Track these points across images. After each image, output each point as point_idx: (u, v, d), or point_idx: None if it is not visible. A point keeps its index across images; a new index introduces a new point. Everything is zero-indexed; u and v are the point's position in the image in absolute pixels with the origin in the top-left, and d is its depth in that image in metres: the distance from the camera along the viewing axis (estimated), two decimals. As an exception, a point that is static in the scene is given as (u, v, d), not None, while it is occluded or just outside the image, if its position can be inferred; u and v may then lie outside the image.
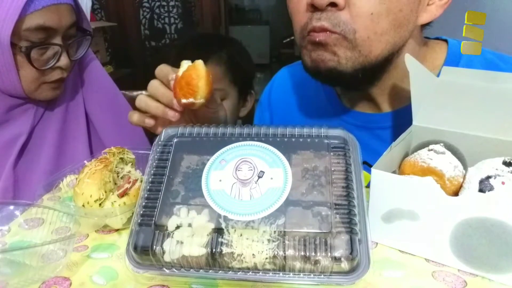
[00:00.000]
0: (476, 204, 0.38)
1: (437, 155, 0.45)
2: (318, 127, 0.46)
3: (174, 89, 0.53)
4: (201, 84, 0.51)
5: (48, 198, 0.56)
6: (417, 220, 0.42)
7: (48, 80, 0.71)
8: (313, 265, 0.37)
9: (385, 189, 0.43)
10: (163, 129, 0.48)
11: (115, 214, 0.48)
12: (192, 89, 0.51)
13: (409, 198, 0.42)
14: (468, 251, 0.40)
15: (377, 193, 0.44)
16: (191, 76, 0.51)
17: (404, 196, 0.42)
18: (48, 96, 0.73)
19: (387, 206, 0.44)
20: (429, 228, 0.42)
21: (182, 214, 0.40)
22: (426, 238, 0.42)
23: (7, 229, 0.50)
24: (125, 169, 0.54)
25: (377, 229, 0.45)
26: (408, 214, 0.42)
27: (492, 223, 0.38)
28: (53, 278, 0.42)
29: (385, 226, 0.44)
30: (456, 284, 0.39)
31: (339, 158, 0.43)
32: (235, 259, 0.37)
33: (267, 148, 0.44)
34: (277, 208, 0.39)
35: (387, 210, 0.44)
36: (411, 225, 0.42)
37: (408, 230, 0.43)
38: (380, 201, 0.44)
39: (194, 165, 0.44)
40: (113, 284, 0.41)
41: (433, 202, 0.40)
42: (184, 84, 0.52)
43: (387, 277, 0.40)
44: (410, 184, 0.42)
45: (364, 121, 0.69)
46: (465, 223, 0.39)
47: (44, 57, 0.69)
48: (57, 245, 0.43)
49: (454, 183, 0.44)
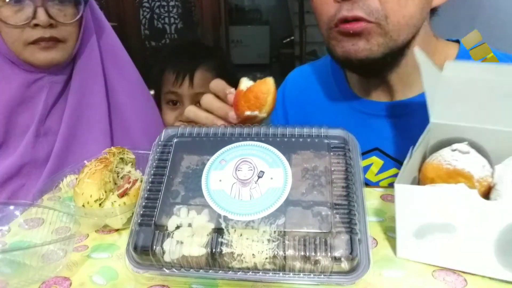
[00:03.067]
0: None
1: (462, 155, 0.42)
2: (318, 127, 0.46)
3: (238, 101, 0.55)
4: (270, 99, 0.53)
5: (48, 198, 0.56)
6: (454, 232, 0.39)
7: (30, 39, 0.69)
8: (313, 265, 0.37)
9: (413, 203, 0.40)
10: (163, 129, 0.49)
11: (115, 214, 0.48)
12: (260, 103, 0.53)
13: (441, 210, 0.38)
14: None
15: (405, 208, 0.40)
16: (262, 91, 0.53)
17: (436, 208, 0.39)
18: (41, 58, 0.71)
19: (417, 221, 0.40)
20: (468, 239, 0.38)
21: (182, 214, 0.40)
22: (466, 250, 0.39)
23: (7, 229, 0.50)
24: (125, 169, 0.54)
25: (409, 247, 0.42)
26: (442, 227, 0.39)
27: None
28: (53, 278, 0.42)
29: (418, 242, 0.41)
30: (456, 284, 0.39)
31: (339, 158, 0.43)
32: (235, 259, 0.37)
33: (267, 148, 0.44)
34: (277, 208, 0.39)
35: (418, 226, 0.40)
36: (447, 238, 0.39)
37: (445, 244, 0.40)
38: (409, 217, 0.41)
39: (194, 165, 0.44)
40: (113, 284, 0.41)
41: (470, 210, 0.37)
42: (252, 97, 0.53)
43: (387, 277, 0.40)
44: (441, 194, 0.38)
45: (377, 109, 0.70)
46: (509, 228, 0.36)
47: (20, 14, 0.67)
48: (57, 245, 0.43)
49: (483, 184, 0.41)
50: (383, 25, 0.57)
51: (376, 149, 0.70)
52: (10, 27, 0.67)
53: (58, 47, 0.73)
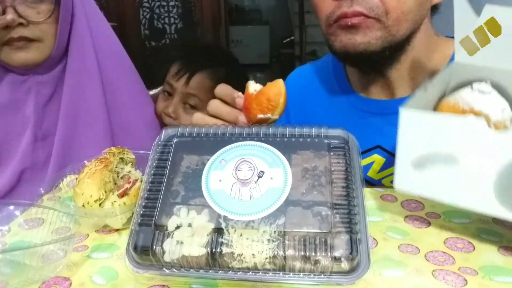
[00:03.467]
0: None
1: (482, 95, 0.40)
2: (318, 127, 0.46)
3: (249, 105, 0.55)
4: (282, 100, 0.53)
5: (48, 198, 0.56)
6: (456, 164, 0.37)
7: (1, 40, 0.68)
8: (313, 265, 0.37)
9: (418, 130, 0.38)
10: (163, 129, 0.49)
11: (115, 214, 0.48)
12: (273, 105, 0.53)
13: (447, 139, 0.37)
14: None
15: (408, 136, 0.39)
16: (274, 93, 0.53)
17: (441, 137, 0.37)
18: (14, 59, 0.70)
19: (419, 150, 0.39)
20: (470, 172, 0.37)
21: (182, 214, 0.40)
22: (466, 184, 0.38)
23: (7, 229, 0.50)
24: (125, 169, 0.54)
25: (406, 177, 0.40)
26: (445, 158, 0.38)
27: None
28: (53, 278, 0.42)
29: (416, 173, 0.40)
30: (457, 283, 0.39)
31: (339, 158, 0.43)
32: (235, 259, 0.37)
33: (267, 148, 0.44)
34: (277, 208, 0.39)
35: (420, 154, 0.39)
36: (448, 170, 0.38)
37: (445, 177, 0.38)
38: (411, 145, 0.39)
39: (194, 165, 0.44)
40: (113, 284, 0.41)
41: (475, 141, 0.36)
42: (264, 100, 0.53)
43: (387, 276, 0.40)
44: (447, 122, 0.37)
45: (379, 107, 0.70)
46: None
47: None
48: (57, 245, 0.43)
49: (500, 127, 0.39)
50: (382, 20, 0.59)
51: (378, 147, 0.70)
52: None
53: (32, 47, 0.71)
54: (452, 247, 0.44)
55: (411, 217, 0.50)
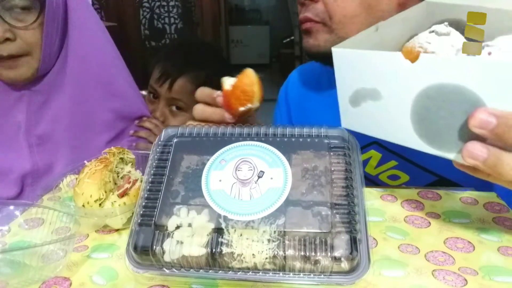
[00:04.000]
0: (433, 68, 0.34)
1: (438, 37, 0.40)
2: (318, 127, 0.46)
3: (228, 101, 0.56)
4: (256, 89, 0.54)
5: (48, 198, 0.56)
6: (380, 99, 0.39)
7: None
8: (313, 265, 0.37)
9: (349, 68, 0.40)
10: (163, 129, 0.49)
11: (115, 214, 0.48)
12: (249, 95, 0.54)
13: (370, 74, 0.38)
14: (429, 127, 0.37)
15: (342, 74, 0.41)
16: (246, 84, 0.54)
17: (366, 72, 0.39)
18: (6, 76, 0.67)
19: (352, 87, 0.40)
20: (391, 106, 0.38)
21: (182, 214, 0.40)
22: (389, 118, 0.39)
23: (7, 229, 0.50)
24: (125, 169, 0.54)
25: (348, 115, 0.42)
26: (371, 93, 0.39)
27: (450, 90, 0.34)
28: (53, 278, 0.42)
29: (354, 110, 0.41)
30: (457, 283, 0.39)
31: (339, 158, 0.43)
32: (235, 259, 0.37)
33: (267, 148, 0.44)
34: (277, 208, 0.39)
35: (353, 91, 0.40)
36: (374, 105, 0.39)
37: (373, 112, 0.40)
38: (346, 83, 0.41)
39: (194, 165, 0.44)
40: (113, 284, 0.41)
41: (392, 74, 0.37)
42: (240, 93, 0.54)
43: (387, 276, 0.40)
44: (370, 58, 0.38)
45: None
46: (424, 94, 0.36)
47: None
48: (57, 245, 0.43)
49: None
50: (328, 24, 0.64)
51: (374, 143, 0.71)
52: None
53: (20, 63, 0.68)
54: (452, 247, 0.44)
55: (411, 217, 0.50)
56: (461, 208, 0.52)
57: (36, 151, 0.72)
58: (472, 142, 0.36)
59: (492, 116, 0.34)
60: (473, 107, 0.35)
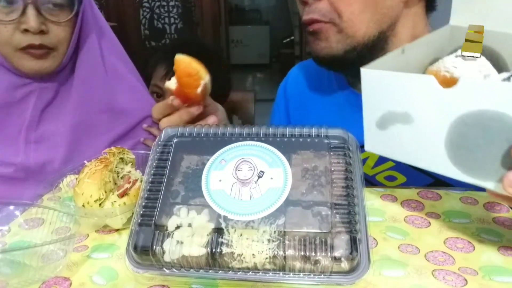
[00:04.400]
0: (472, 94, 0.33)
1: (464, 61, 0.39)
2: (318, 127, 0.46)
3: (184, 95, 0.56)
4: (195, 65, 0.55)
5: (48, 198, 0.56)
6: (411, 123, 0.38)
7: (20, 45, 0.66)
8: (313, 265, 0.37)
9: (378, 90, 0.39)
10: (163, 129, 0.49)
11: (115, 214, 0.48)
12: (195, 75, 0.54)
13: (401, 97, 0.37)
14: (466, 155, 0.35)
15: (370, 96, 0.40)
16: (185, 67, 0.54)
17: (397, 95, 0.38)
18: (29, 67, 0.69)
19: (380, 110, 0.39)
20: (423, 131, 0.37)
21: (182, 214, 0.40)
22: (421, 144, 0.38)
23: (7, 229, 0.50)
24: (125, 169, 0.54)
25: (373, 138, 0.41)
26: (401, 117, 0.38)
27: (489, 116, 0.33)
28: (53, 278, 0.42)
29: (380, 133, 0.40)
30: (457, 283, 0.39)
31: (339, 158, 0.43)
32: (235, 259, 0.37)
33: (267, 148, 0.44)
34: (277, 208, 0.39)
35: (381, 114, 0.39)
36: (404, 130, 0.38)
37: (402, 136, 0.39)
38: (374, 105, 0.40)
39: (194, 165, 0.44)
40: (113, 284, 0.41)
41: (426, 99, 0.36)
42: (186, 78, 0.54)
43: (387, 276, 0.40)
44: (403, 81, 0.37)
45: None
46: (461, 121, 0.35)
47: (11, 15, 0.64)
48: (57, 245, 0.43)
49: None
50: (337, 23, 0.62)
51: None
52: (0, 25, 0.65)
53: (49, 56, 0.70)
54: (452, 247, 0.44)
55: (411, 217, 0.50)
56: (461, 208, 0.52)
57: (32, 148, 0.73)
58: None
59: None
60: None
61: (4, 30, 0.65)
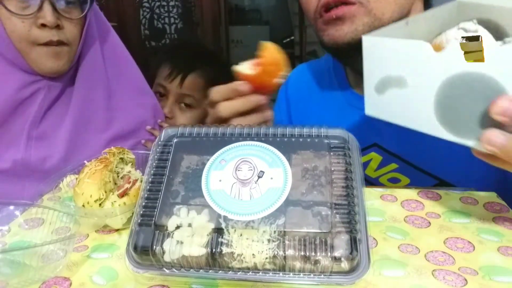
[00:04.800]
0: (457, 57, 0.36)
1: (465, 34, 0.41)
2: (318, 127, 0.46)
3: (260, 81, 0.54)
4: (280, 55, 0.54)
5: (48, 198, 0.56)
6: (406, 87, 0.40)
7: (38, 41, 0.67)
8: (313, 265, 0.37)
9: (376, 55, 0.41)
10: (163, 129, 0.49)
11: (115, 214, 0.48)
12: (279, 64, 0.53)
13: (397, 62, 0.40)
14: (452, 115, 0.38)
15: (369, 62, 0.42)
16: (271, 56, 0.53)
17: (393, 60, 0.40)
18: (48, 64, 0.70)
19: (378, 74, 0.42)
20: (415, 94, 0.40)
21: (182, 214, 0.40)
22: (412, 105, 0.40)
23: (7, 229, 0.50)
24: (125, 169, 0.54)
25: (372, 102, 0.44)
26: (396, 81, 0.40)
27: (473, 77, 0.36)
28: (53, 278, 0.42)
29: (378, 97, 0.43)
30: (457, 283, 0.39)
31: (339, 158, 0.43)
32: (235, 259, 0.37)
33: (267, 148, 0.44)
34: (277, 208, 0.39)
35: (379, 79, 0.42)
36: (399, 93, 0.41)
37: (397, 99, 0.41)
38: (373, 71, 0.42)
39: (194, 165, 0.44)
40: (113, 284, 0.41)
41: (418, 63, 0.38)
42: (270, 66, 0.53)
43: (387, 276, 0.40)
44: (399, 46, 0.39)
45: None
46: (448, 82, 0.37)
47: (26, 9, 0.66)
48: (57, 245, 0.43)
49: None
50: (365, 4, 0.59)
51: (375, 145, 0.70)
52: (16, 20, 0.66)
53: (64, 52, 0.71)
54: (452, 247, 0.44)
55: (411, 217, 0.50)
56: (461, 208, 0.52)
57: (33, 145, 0.73)
58: (492, 129, 0.37)
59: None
60: (496, 95, 0.35)
61: (21, 25, 0.66)
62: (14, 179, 0.72)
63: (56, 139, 0.74)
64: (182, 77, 1.05)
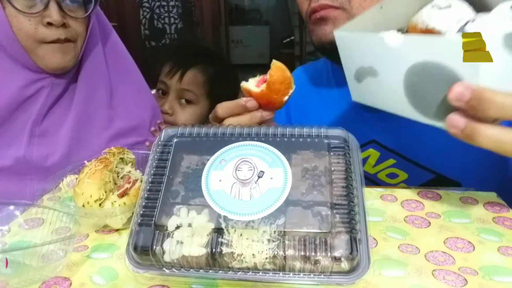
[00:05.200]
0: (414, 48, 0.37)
1: (439, 11, 0.40)
2: (318, 127, 0.46)
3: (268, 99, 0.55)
4: (288, 74, 0.55)
5: (48, 198, 0.56)
6: (377, 76, 0.42)
7: (45, 39, 0.68)
8: (313, 265, 0.37)
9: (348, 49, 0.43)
10: (163, 129, 0.49)
11: (115, 214, 0.48)
12: (288, 83, 0.54)
13: (366, 54, 0.42)
14: (421, 100, 0.40)
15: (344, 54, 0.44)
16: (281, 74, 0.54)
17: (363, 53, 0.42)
18: (55, 60, 0.70)
19: (354, 65, 0.44)
20: (386, 82, 0.42)
21: (182, 214, 0.40)
22: (387, 92, 0.42)
23: (7, 229, 0.50)
24: (125, 169, 0.54)
25: (354, 89, 0.46)
26: (369, 71, 0.42)
27: (431, 66, 0.37)
28: (53, 278, 0.42)
29: (358, 86, 0.45)
30: (457, 283, 0.39)
31: (339, 158, 0.43)
32: (235, 259, 0.37)
33: (267, 148, 0.44)
34: (277, 208, 0.39)
35: (355, 69, 0.44)
36: (374, 81, 0.43)
37: (373, 87, 0.43)
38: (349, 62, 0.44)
39: (194, 165, 0.44)
40: (113, 284, 0.41)
41: (382, 54, 0.40)
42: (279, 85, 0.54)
43: (387, 276, 0.40)
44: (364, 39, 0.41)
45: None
46: (411, 71, 0.39)
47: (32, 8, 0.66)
48: (57, 245, 0.43)
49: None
50: (347, 9, 0.62)
51: (373, 142, 0.71)
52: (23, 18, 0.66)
53: (70, 48, 0.72)
54: (452, 247, 0.44)
55: (411, 217, 0.50)
56: (461, 208, 0.52)
57: (35, 143, 0.73)
58: (454, 113, 0.39)
59: (468, 90, 0.36)
60: (453, 81, 0.37)
61: (27, 23, 0.67)
62: (16, 176, 0.72)
63: (58, 137, 0.75)
64: (182, 72, 1.08)
